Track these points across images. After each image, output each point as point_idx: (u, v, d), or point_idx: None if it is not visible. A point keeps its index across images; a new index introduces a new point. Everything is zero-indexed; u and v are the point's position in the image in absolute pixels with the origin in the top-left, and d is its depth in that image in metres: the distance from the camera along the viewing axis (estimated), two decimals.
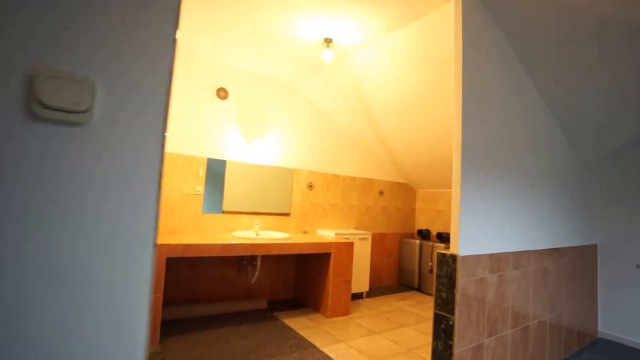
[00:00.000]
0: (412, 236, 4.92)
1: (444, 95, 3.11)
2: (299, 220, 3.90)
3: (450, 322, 1.80)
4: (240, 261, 3.34)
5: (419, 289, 4.44)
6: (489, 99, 2.04)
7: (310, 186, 4.02)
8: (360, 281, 3.90)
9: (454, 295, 1.80)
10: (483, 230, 1.95)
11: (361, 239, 3.92)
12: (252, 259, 3.31)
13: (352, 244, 3.40)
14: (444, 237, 4.32)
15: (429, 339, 2.77)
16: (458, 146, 1.85)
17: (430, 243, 4.37)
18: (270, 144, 3.75)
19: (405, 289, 4.53)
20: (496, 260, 2.02)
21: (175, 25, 0.67)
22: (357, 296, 3.90)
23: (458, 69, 1.89)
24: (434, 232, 4.68)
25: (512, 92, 2.22)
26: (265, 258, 3.45)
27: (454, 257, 1.81)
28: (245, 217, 3.48)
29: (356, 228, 4.39)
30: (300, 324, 2.97)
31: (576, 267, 2.82)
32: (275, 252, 2.91)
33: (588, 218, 3.06)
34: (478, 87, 1.96)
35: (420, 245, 4.49)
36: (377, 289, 4.37)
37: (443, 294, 1.88)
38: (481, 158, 1.96)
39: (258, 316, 3.11)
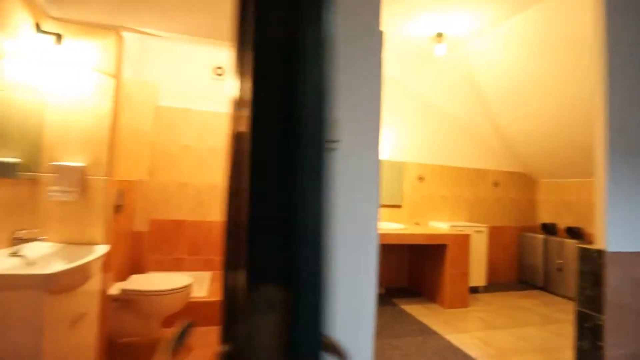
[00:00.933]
0: (533, 230, 4.53)
1: (568, 77, 2.81)
2: (410, 212, 3.98)
3: (598, 322, 1.70)
4: None
5: (544, 288, 4.09)
6: None
7: (421, 178, 4.06)
8: (477, 275, 3.80)
9: (601, 293, 1.70)
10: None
11: (477, 231, 3.81)
12: None
13: (468, 236, 3.35)
14: (575, 233, 3.88)
15: (564, 341, 2.60)
16: (602, 129, 1.72)
17: (558, 238, 3.98)
18: (382, 139, 3.91)
19: (526, 286, 4.23)
20: None
21: (380, 73, 0.88)
22: (473, 290, 3.82)
23: (599, 45, 1.74)
24: (560, 226, 4.23)
25: None
26: (381, 247, 3.65)
27: (600, 253, 1.70)
28: None
29: (468, 220, 4.26)
30: (419, 312, 3.08)
31: None
32: (394, 241, 3.08)
33: None
34: (627, 61, 1.77)
35: (545, 241, 4.12)
36: (494, 285, 4.18)
37: (587, 291, 1.78)
38: (634, 141, 1.77)
39: (378, 301, 3.34)
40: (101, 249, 1.55)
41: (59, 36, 1.51)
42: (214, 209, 3.60)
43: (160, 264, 3.41)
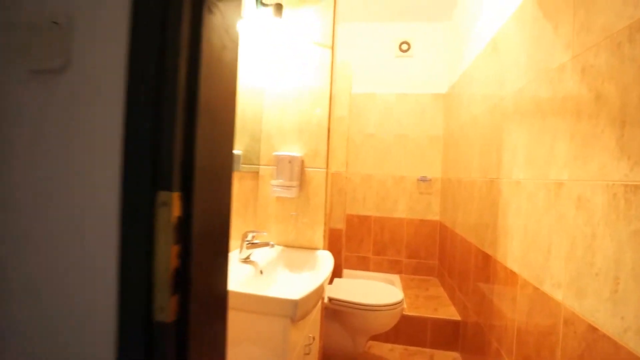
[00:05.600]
0: None
1: None
2: None
3: None
4: None
5: None
6: None
7: None
8: None
9: None
10: None
11: None
12: None
13: None
14: None
15: None
16: None
17: None
18: None
19: None
20: None
21: None
22: None
23: None
24: None
25: None
26: None
27: None
28: None
29: None
30: None
31: None
32: None
33: None
34: None
35: None
36: None
37: None
38: None
39: None
40: (325, 258, 1.27)
41: (278, 6, 1.29)
42: (399, 205, 3.17)
43: (347, 262, 3.21)
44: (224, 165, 0.50)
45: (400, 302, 1.77)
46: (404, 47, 3.20)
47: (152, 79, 0.41)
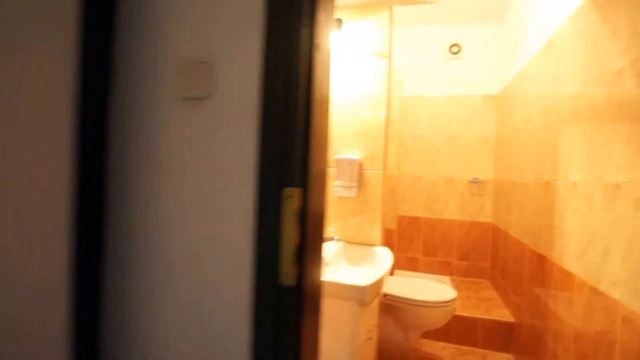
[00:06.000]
0: None
1: None
2: None
3: None
4: None
5: None
6: None
7: None
8: None
9: None
10: None
11: None
12: None
13: None
14: None
15: None
16: None
17: None
18: None
19: None
20: None
21: None
22: None
23: None
24: None
25: None
26: None
27: None
28: None
29: None
30: None
31: None
32: None
33: None
34: None
35: None
36: None
37: None
38: None
39: None
40: (384, 253, 1.39)
41: (339, 21, 1.45)
42: (450, 206, 3.18)
43: (397, 262, 3.28)
44: (324, 168, 0.66)
45: (453, 300, 1.83)
46: (454, 49, 3.21)
47: (279, 105, 0.57)
